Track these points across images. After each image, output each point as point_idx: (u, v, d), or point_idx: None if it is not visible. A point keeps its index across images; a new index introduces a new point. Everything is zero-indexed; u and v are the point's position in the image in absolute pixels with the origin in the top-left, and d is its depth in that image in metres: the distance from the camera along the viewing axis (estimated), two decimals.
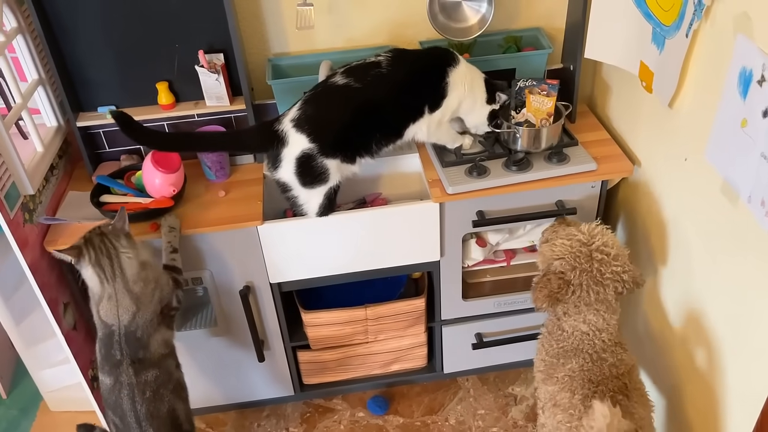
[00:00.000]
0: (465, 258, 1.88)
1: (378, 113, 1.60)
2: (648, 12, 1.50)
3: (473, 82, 1.69)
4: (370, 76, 1.58)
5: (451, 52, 1.68)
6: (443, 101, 1.66)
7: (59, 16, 1.64)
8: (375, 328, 1.93)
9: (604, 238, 1.45)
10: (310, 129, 1.55)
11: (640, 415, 1.40)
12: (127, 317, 1.48)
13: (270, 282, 1.79)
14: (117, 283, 1.47)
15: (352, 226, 1.71)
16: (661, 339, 1.71)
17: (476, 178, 1.70)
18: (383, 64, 1.60)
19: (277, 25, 1.84)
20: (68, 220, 1.67)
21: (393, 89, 1.60)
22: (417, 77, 1.63)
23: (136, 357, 1.49)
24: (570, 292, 1.44)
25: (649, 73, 1.55)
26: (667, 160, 1.59)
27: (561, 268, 1.45)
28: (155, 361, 1.52)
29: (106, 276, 1.47)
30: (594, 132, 1.88)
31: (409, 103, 1.63)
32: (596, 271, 1.42)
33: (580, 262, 1.43)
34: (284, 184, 1.62)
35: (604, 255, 1.43)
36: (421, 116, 1.65)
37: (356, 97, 1.57)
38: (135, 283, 1.49)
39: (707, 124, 1.34)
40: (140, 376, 1.49)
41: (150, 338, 1.51)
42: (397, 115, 1.64)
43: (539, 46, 1.89)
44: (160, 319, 1.54)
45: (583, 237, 1.45)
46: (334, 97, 1.58)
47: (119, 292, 1.48)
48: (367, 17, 1.87)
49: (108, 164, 1.86)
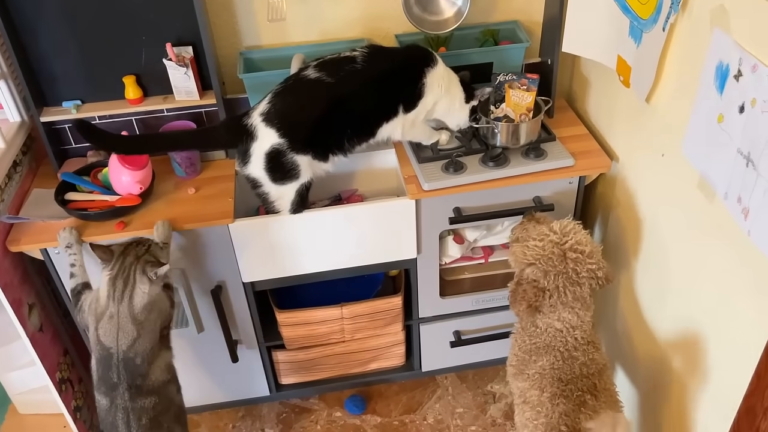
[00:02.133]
0: (442, 255, 1.86)
1: (350, 110, 1.56)
2: (625, 5, 1.47)
3: (450, 83, 1.66)
4: (344, 71, 1.54)
5: (429, 52, 1.65)
6: (419, 101, 1.62)
7: (21, 9, 1.59)
8: (351, 327, 1.90)
9: (577, 236, 1.42)
10: (280, 123, 1.51)
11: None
12: (126, 342, 1.43)
13: (243, 281, 1.75)
14: (122, 306, 1.43)
15: (326, 224, 1.67)
16: (637, 335, 1.70)
17: (453, 175, 1.67)
18: (358, 60, 1.56)
19: (248, 18, 1.79)
20: (31, 218, 1.61)
21: (367, 86, 1.56)
22: (393, 75, 1.59)
23: (134, 383, 1.44)
24: (547, 297, 1.41)
25: (626, 68, 1.53)
26: (645, 156, 1.57)
27: (534, 276, 1.42)
28: (155, 389, 1.48)
29: (114, 295, 1.44)
30: (572, 127, 1.86)
31: (383, 101, 1.59)
32: (572, 271, 1.40)
33: (554, 264, 1.40)
34: (254, 180, 1.58)
35: (578, 253, 1.40)
36: (395, 116, 1.61)
37: (328, 92, 1.53)
38: (140, 312, 1.45)
39: (684, 119, 1.32)
40: (137, 401, 1.44)
41: (150, 366, 1.47)
42: (371, 114, 1.60)
43: (517, 39, 1.87)
44: (160, 344, 1.50)
45: (555, 237, 1.42)
46: (305, 91, 1.54)
47: (122, 315, 1.43)
48: (341, 9, 1.82)
49: (74, 161, 1.80)
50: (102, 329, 1.44)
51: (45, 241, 1.57)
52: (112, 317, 1.43)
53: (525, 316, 1.46)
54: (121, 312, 1.43)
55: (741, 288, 1.23)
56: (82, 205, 1.62)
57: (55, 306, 1.82)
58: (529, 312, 1.43)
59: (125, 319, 1.43)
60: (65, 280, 1.65)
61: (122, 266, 1.44)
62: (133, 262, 1.45)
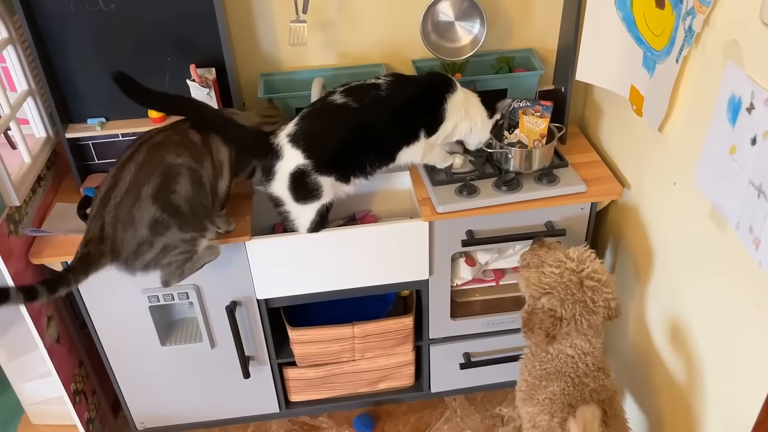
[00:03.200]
0: (454, 277, 1.88)
1: (374, 135, 1.60)
2: (639, 36, 1.51)
3: (469, 105, 1.70)
4: (369, 97, 1.59)
5: (449, 79, 1.69)
6: (440, 126, 1.66)
7: (50, 27, 1.64)
8: (362, 346, 1.92)
9: (594, 264, 1.43)
10: (306, 145, 1.55)
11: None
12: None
13: (257, 298, 1.77)
14: None
15: (341, 243, 1.70)
16: (648, 363, 1.70)
17: (466, 198, 1.70)
18: (382, 87, 1.60)
19: (270, 41, 1.84)
20: (53, 232, 1.65)
21: (391, 112, 1.60)
22: (415, 102, 1.63)
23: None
24: (564, 326, 1.42)
25: (639, 97, 1.56)
26: (657, 184, 1.59)
27: (549, 305, 1.42)
28: None
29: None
30: (584, 154, 1.88)
31: (406, 127, 1.63)
32: (589, 300, 1.40)
33: (571, 292, 1.40)
34: (277, 198, 1.61)
35: (596, 282, 1.41)
36: (417, 140, 1.65)
37: (354, 116, 1.57)
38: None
39: (696, 149, 1.35)
40: None
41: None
42: (393, 139, 1.64)
43: (531, 67, 1.90)
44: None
45: (573, 264, 1.42)
46: (332, 115, 1.58)
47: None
48: (359, 35, 1.87)
49: (96, 176, 1.84)
50: None
51: (66, 255, 1.61)
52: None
53: (542, 346, 1.46)
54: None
55: (753, 318, 1.24)
56: None
57: (72, 318, 1.85)
58: (547, 341, 1.43)
59: None
60: (84, 292, 1.68)
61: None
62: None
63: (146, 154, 1.46)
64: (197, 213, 1.49)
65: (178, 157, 1.47)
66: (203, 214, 1.51)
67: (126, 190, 1.42)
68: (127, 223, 1.42)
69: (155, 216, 1.42)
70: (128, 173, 1.44)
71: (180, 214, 1.45)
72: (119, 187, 1.43)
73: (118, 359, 1.85)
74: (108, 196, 1.43)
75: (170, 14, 1.65)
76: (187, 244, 1.49)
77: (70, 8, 1.61)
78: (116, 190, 1.43)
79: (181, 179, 1.46)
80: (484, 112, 1.72)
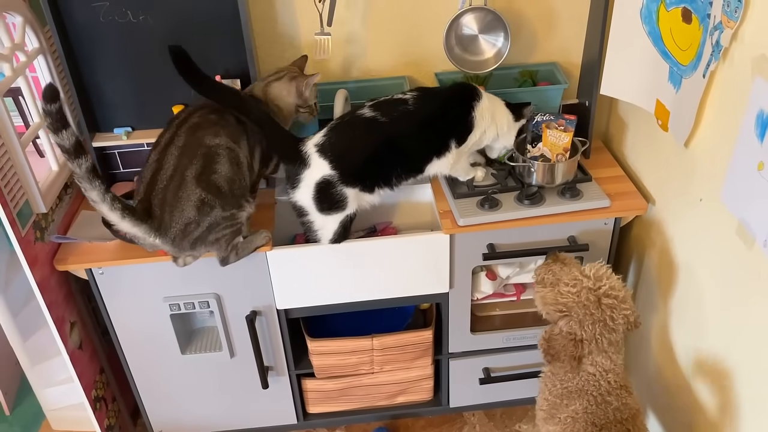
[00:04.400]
0: (474, 291, 1.87)
1: (402, 148, 1.61)
2: (665, 51, 1.49)
3: (495, 110, 1.71)
4: (398, 111, 1.60)
5: (473, 87, 1.70)
6: (469, 135, 1.67)
7: (80, 38, 1.67)
8: (381, 359, 1.91)
9: (611, 281, 1.40)
10: (333, 156, 1.56)
11: None
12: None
13: (277, 308, 1.78)
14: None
15: (361, 255, 1.70)
16: (673, 384, 1.67)
17: (488, 211, 1.69)
18: (410, 102, 1.62)
19: (294, 53, 1.86)
20: (79, 239, 1.67)
21: (419, 125, 1.62)
22: (443, 113, 1.65)
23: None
24: (586, 347, 1.39)
25: (665, 112, 1.54)
26: (682, 200, 1.57)
27: (568, 328, 1.39)
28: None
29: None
30: (608, 168, 1.87)
31: (435, 138, 1.64)
32: (608, 318, 1.38)
33: (590, 312, 1.38)
34: (300, 207, 1.62)
35: (613, 299, 1.38)
36: (448, 151, 1.66)
37: (381, 130, 1.58)
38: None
39: (723, 165, 1.33)
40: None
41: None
42: (421, 152, 1.65)
43: (555, 80, 1.89)
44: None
45: (589, 282, 1.40)
46: (360, 128, 1.60)
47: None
48: (383, 48, 1.88)
49: (122, 185, 1.87)
50: None
51: (90, 262, 1.63)
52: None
53: (571, 370, 1.44)
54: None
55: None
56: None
57: (95, 325, 1.86)
58: (574, 366, 1.40)
59: None
60: (107, 299, 1.70)
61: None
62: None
63: (186, 137, 1.51)
64: (236, 192, 1.55)
65: (216, 137, 1.52)
66: (240, 193, 1.56)
67: (170, 174, 1.48)
68: (174, 205, 1.47)
69: (201, 197, 1.48)
70: (171, 157, 1.49)
71: (222, 194, 1.51)
72: (164, 171, 1.48)
73: (138, 367, 1.86)
74: (154, 180, 1.48)
75: (198, 27, 1.67)
76: (228, 220, 1.54)
77: (100, 19, 1.64)
78: (161, 174, 1.48)
79: (221, 159, 1.52)
80: (510, 116, 1.73)
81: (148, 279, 1.69)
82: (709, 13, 1.30)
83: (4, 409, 2.19)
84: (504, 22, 1.75)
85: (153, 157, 1.52)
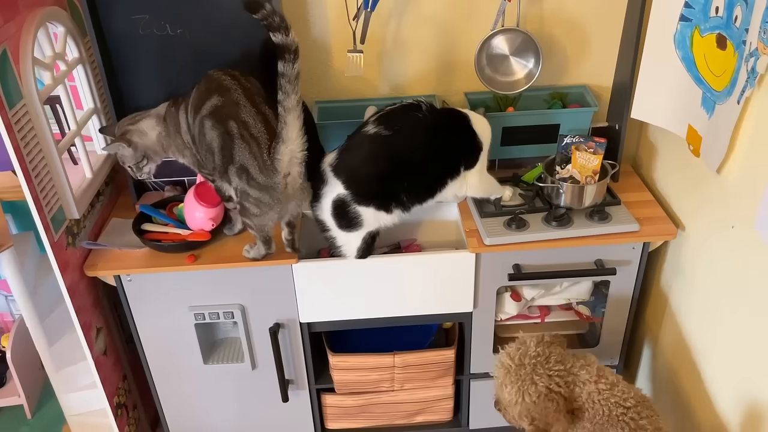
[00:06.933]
0: (498, 311, 1.85)
1: (408, 161, 1.59)
2: (698, 76, 1.49)
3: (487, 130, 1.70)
4: (404, 128, 1.58)
5: (459, 111, 1.68)
6: (480, 154, 1.67)
7: (118, 49, 1.70)
8: (402, 377, 1.90)
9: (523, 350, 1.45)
10: (345, 177, 1.58)
11: None
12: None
13: (300, 321, 1.78)
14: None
15: (387, 271, 1.70)
16: (699, 408, 1.64)
17: (515, 231, 1.68)
18: (423, 109, 1.60)
19: (325, 69, 1.88)
20: (109, 245, 1.70)
21: (427, 139, 1.60)
22: (450, 135, 1.64)
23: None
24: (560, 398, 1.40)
25: (697, 137, 1.53)
26: (713, 227, 1.55)
27: (529, 399, 1.41)
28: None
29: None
30: (637, 192, 1.85)
31: (445, 160, 1.63)
32: (543, 362, 1.42)
33: (525, 372, 1.42)
34: (323, 222, 1.63)
35: (535, 359, 1.43)
36: (458, 174, 1.65)
37: (385, 144, 1.57)
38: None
39: (757, 192, 1.31)
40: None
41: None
42: (433, 172, 1.64)
43: (585, 103, 1.89)
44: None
45: (510, 360, 1.44)
46: (366, 145, 1.59)
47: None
48: (413, 66, 1.90)
49: (152, 194, 1.90)
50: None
51: (119, 268, 1.65)
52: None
53: (569, 424, 1.43)
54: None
55: None
56: (156, 236, 1.70)
57: (120, 331, 1.88)
58: (570, 420, 1.41)
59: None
60: (134, 306, 1.72)
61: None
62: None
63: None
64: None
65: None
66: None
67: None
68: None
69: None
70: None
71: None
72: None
73: (160, 375, 1.88)
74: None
75: (233, 42, 1.70)
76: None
77: (139, 32, 1.68)
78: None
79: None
80: None
81: (174, 287, 1.71)
82: (745, 39, 1.30)
83: (27, 412, 2.22)
84: (536, 43, 1.75)
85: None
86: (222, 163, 1.53)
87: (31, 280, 1.94)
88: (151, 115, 1.64)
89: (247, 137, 1.48)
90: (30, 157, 1.45)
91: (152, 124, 1.63)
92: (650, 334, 1.93)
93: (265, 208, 1.54)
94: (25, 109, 1.44)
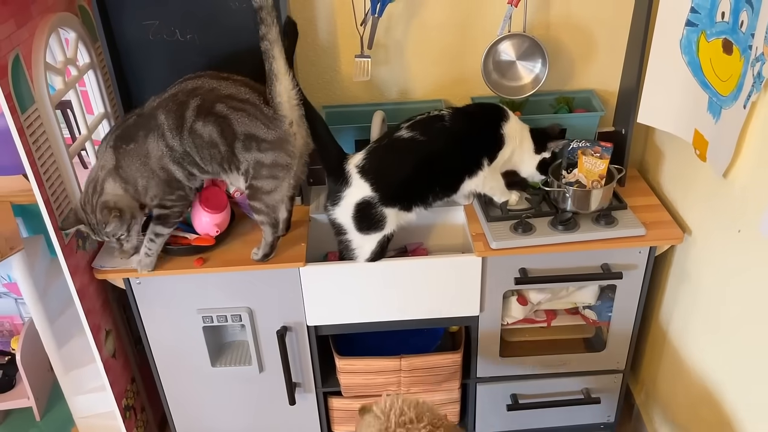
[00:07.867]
0: (505, 315, 1.86)
1: (438, 166, 1.64)
2: (705, 81, 1.49)
3: (522, 134, 1.74)
4: (434, 130, 1.63)
5: (502, 108, 1.73)
6: (499, 153, 1.69)
7: (129, 55, 1.72)
8: (408, 380, 1.90)
9: (398, 409, 1.35)
10: (374, 178, 1.59)
11: None
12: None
13: (307, 324, 1.79)
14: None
15: (393, 274, 1.71)
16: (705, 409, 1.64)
17: (521, 235, 1.69)
18: (446, 118, 1.65)
19: (333, 74, 1.90)
20: None
21: (456, 142, 1.65)
22: (478, 130, 1.68)
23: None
24: None
25: (703, 142, 1.53)
26: (720, 231, 1.55)
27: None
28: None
29: None
30: (644, 197, 1.86)
31: (470, 154, 1.67)
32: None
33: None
34: (339, 225, 1.64)
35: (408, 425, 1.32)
36: (480, 168, 1.68)
37: (419, 150, 1.61)
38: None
39: (763, 196, 1.32)
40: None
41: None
42: (456, 168, 1.67)
43: (591, 108, 1.90)
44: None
45: (380, 423, 1.35)
46: (399, 150, 1.62)
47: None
48: (421, 72, 1.91)
49: None
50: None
51: (129, 271, 1.66)
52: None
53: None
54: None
55: None
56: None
57: (129, 334, 1.90)
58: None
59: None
60: (143, 309, 1.73)
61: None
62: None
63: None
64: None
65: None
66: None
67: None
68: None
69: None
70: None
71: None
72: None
73: (168, 377, 1.89)
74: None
75: (242, 47, 1.71)
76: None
77: (149, 37, 1.70)
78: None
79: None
80: (532, 147, 1.75)
81: (183, 290, 1.72)
82: (751, 44, 1.30)
83: (35, 414, 2.23)
84: (542, 48, 1.76)
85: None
86: (227, 146, 1.51)
87: (41, 283, 1.96)
88: (100, 177, 1.52)
89: (239, 105, 1.50)
90: (41, 161, 1.47)
91: (110, 181, 1.52)
92: (657, 338, 1.93)
93: (282, 173, 1.54)
94: (37, 113, 1.46)
